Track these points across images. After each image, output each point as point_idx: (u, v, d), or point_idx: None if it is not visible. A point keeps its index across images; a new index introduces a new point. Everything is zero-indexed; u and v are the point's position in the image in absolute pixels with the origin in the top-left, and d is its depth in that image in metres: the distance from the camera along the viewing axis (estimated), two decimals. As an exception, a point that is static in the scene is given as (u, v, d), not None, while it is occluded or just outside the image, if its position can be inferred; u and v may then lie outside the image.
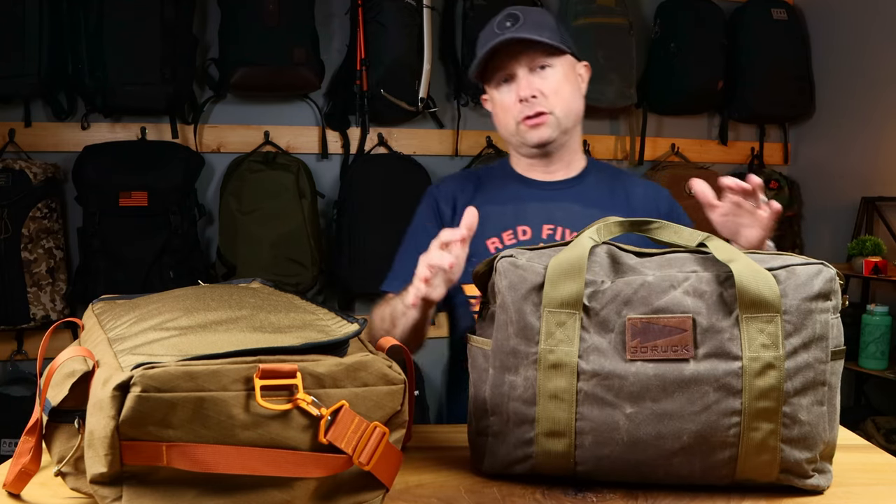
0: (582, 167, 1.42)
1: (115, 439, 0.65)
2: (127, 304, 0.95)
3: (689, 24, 2.91)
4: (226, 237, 2.54)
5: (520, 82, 1.32)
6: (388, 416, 0.76)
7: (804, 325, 0.82)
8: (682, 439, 0.82)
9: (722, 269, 0.85)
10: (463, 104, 2.83)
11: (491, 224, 1.34)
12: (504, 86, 1.35)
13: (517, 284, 0.86)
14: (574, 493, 0.86)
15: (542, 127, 1.33)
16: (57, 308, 2.39)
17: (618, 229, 0.92)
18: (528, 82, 1.31)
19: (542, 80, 1.32)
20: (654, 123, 3.11)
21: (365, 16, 2.55)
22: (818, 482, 0.86)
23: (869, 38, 2.88)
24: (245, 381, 0.68)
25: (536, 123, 1.32)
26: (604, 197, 1.37)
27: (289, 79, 2.53)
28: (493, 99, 1.38)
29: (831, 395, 0.85)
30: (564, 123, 1.34)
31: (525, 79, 1.31)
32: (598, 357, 0.83)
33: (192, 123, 2.62)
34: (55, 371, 0.75)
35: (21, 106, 2.46)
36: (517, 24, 1.30)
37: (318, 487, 0.72)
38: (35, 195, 2.34)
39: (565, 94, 1.33)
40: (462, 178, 1.46)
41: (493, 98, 1.38)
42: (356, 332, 0.77)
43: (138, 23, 2.34)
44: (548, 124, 1.33)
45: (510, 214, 1.35)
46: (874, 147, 2.83)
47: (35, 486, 0.82)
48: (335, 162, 2.78)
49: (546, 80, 1.32)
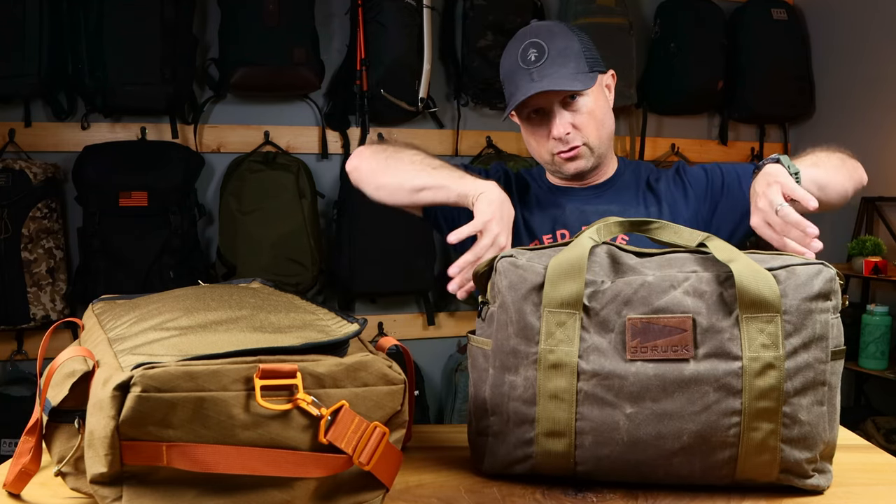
0: (615, 168, 1.41)
1: (115, 439, 0.65)
2: (127, 304, 0.95)
3: (689, 24, 2.91)
4: (226, 237, 2.54)
5: (553, 119, 1.28)
6: (388, 416, 0.76)
7: (804, 325, 0.82)
8: (682, 439, 0.82)
9: (722, 269, 0.85)
10: (463, 104, 2.83)
11: (530, 229, 1.34)
12: (535, 117, 1.31)
13: (517, 284, 0.86)
14: (574, 493, 0.86)
15: (577, 160, 1.31)
16: (57, 308, 2.39)
17: (618, 229, 0.92)
18: (560, 119, 1.27)
19: (573, 114, 1.28)
20: (654, 123, 3.11)
21: (365, 16, 2.56)
22: (818, 482, 0.86)
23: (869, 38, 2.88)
24: (245, 381, 0.68)
25: (572, 156, 1.31)
26: (638, 195, 1.37)
27: (289, 79, 2.53)
28: (524, 128, 1.34)
29: (831, 395, 0.85)
30: (599, 150, 1.33)
31: (558, 115, 1.27)
32: (598, 357, 0.83)
33: (192, 123, 2.62)
34: (55, 371, 0.75)
35: (21, 106, 2.46)
36: (543, 57, 1.25)
37: (318, 487, 0.72)
38: (35, 195, 2.34)
39: (598, 120, 1.31)
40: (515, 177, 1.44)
41: (524, 127, 1.34)
42: (356, 332, 0.77)
43: (138, 23, 2.34)
44: (583, 156, 1.31)
45: (548, 219, 1.35)
46: (874, 147, 2.83)
47: (35, 486, 0.82)
48: (335, 162, 2.78)
49: (578, 113, 1.28)
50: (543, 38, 1.27)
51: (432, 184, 1.19)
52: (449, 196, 1.15)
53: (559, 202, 1.37)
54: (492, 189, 1.11)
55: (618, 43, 2.76)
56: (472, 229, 1.06)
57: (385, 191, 1.26)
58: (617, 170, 1.41)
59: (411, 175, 1.22)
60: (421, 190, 1.20)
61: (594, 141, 1.31)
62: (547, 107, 1.28)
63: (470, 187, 1.12)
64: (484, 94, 2.76)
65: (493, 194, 1.10)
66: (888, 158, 2.77)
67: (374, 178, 1.28)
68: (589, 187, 1.39)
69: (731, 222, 1.34)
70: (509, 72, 1.30)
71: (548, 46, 1.26)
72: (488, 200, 1.08)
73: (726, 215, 1.34)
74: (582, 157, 1.31)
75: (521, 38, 1.30)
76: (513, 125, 1.40)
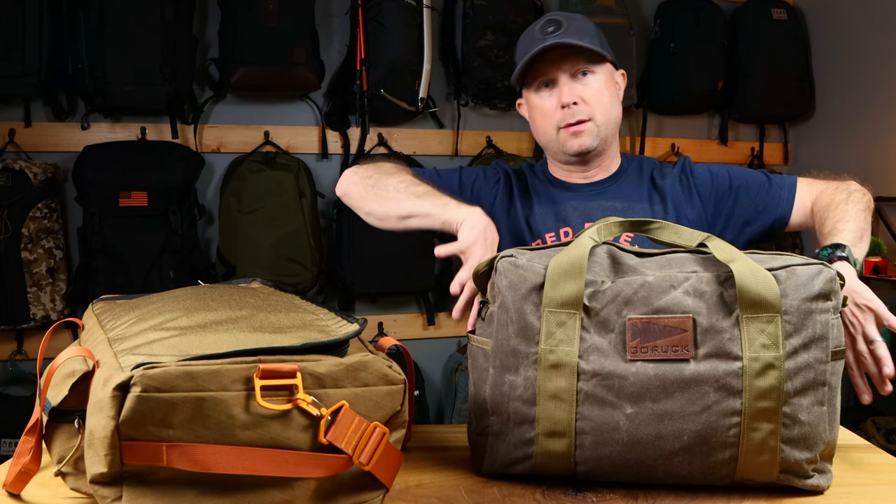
0: (618, 165, 1.41)
1: (115, 439, 0.65)
2: (127, 304, 0.95)
3: (688, 24, 2.90)
4: (226, 237, 2.54)
5: (561, 88, 1.30)
6: (388, 416, 0.76)
7: (804, 326, 0.82)
8: (682, 439, 0.82)
9: (722, 270, 0.85)
10: (463, 104, 2.83)
11: (535, 227, 1.34)
12: (544, 91, 1.33)
13: (517, 284, 0.86)
14: (574, 493, 0.86)
15: (582, 135, 1.32)
16: (57, 308, 2.39)
17: (618, 229, 0.92)
18: (569, 88, 1.30)
19: (583, 87, 1.30)
20: (654, 123, 3.11)
21: (365, 16, 2.55)
22: (818, 482, 0.86)
23: (869, 38, 2.88)
24: (245, 381, 0.68)
25: (577, 131, 1.31)
26: (642, 192, 1.37)
27: (289, 79, 2.53)
28: (532, 104, 1.36)
29: (831, 395, 0.85)
30: (604, 132, 1.33)
31: (567, 85, 1.30)
32: (598, 357, 0.83)
33: (192, 123, 2.62)
34: (55, 371, 0.75)
35: (21, 106, 2.46)
36: (560, 29, 1.28)
37: (318, 487, 0.72)
38: (35, 195, 2.34)
39: (605, 102, 1.32)
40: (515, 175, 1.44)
41: (532, 103, 1.36)
42: (356, 332, 0.77)
43: (138, 23, 2.34)
44: (588, 132, 1.32)
45: (551, 217, 1.35)
46: (874, 147, 2.83)
47: (35, 486, 0.82)
48: (335, 162, 2.78)
49: (587, 87, 1.31)
50: (564, 17, 1.31)
51: (417, 212, 1.21)
52: (434, 223, 1.17)
53: (562, 198, 1.37)
54: (474, 214, 1.11)
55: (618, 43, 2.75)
56: (456, 249, 1.08)
57: (374, 217, 1.30)
58: (620, 166, 1.41)
59: (396, 203, 1.24)
60: (408, 217, 1.22)
61: (601, 119, 1.32)
62: (557, 77, 1.30)
63: (454, 214, 1.13)
64: (484, 94, 2.76)
65: (475, 219, 1.10)
66: (888, 158, 2.77)
67: (363, 205, 1.31)
68: (592, 183, 1.39)
69: (734, 228, 1.34)
70: (525, 45, 1.32)
71: (566, 22, 1.30)
72: (470, 226, 1.09)
73: (729, 221, 1.34)
74: (587, 134, 1.32)
75: (540, 19, 1.33)
76: (513, 125, 1.40)
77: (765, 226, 1.34)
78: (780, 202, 1.33)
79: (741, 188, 1.35)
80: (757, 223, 1.34)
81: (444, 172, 1.43)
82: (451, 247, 1.08)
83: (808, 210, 1.32)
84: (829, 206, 1.24)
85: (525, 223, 1.35)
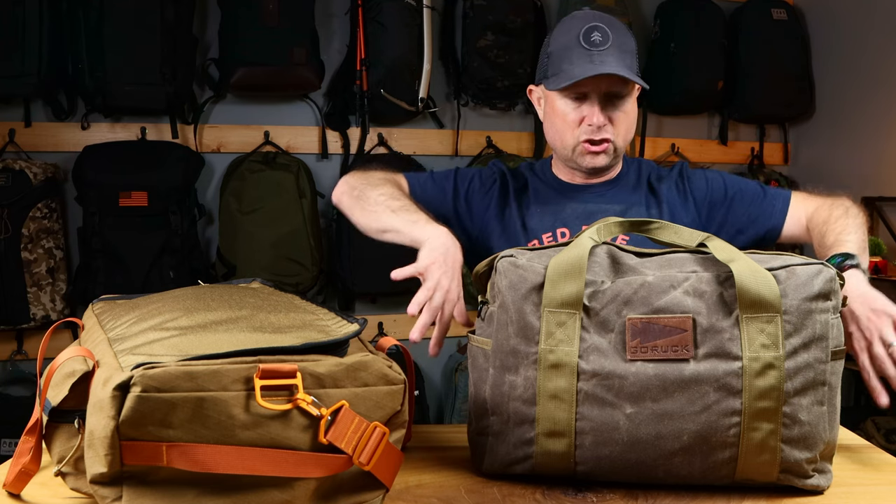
0: (619, 168, 1.41)
1: (115, 439, 0.65)
2: (127, 304, 0.95)
3: (688, 24, 2.90)
4: (226, 237, 2.54)
5: (594, 107, 1.28)
6: (388, 416, 0.76)
7: (804, 325, 0.82)
8: (682, 439, 0.82)
9: (722, 270, 0.85)
10: (463, 104, 2.83)
11: (531, 227, 1.34)
12: (573, 101, 1.30)
13: (517, 284, 0.86)
14: (574, 493, 0.86)
15: (600, 156, 1.31)
16: (57, 308, 2.39)
17: (618, 229, 0.92)
18: (601, 109, 1.28)
19: (613, 109, 1.29)
20: (654, 123, 3.10)
21: (365, 16, 2.55)
22: (818, 482, 0.86)
23: (869, 38, 2.88)
24: (245, 381, 0.68)
25: (597, 151, 1.31)
26: (639, 196, 1.37)
27: (289, 79, 2.53)
28: (555, 106, 1.33)
29: (831, 395, 0.85)
30: (620, 151, 1.34)
31: (601, 105, 1.28)
32: (598, 357, 0.83)
33: (192, 123, 2.62)
34: (55, 371, 0.75)
35: (21, 106, 2.46)
36: (606, 43, 1.26)
37: (318, 487, 0.72)
38: (35, 195, 2.34)
39: (628, 124, 1.32)
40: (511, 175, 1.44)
41: (555, 105, 1.32)
42: (356, 332, 0.77)
43: (138, 23, 2.34)
44: (607, 153, 1.31)
45: (549, 217, 1.35)
46: (874, 147, 2.83)
47: (35, 486, 0.82)
48: (335, 162, 2.78)
49: (617, 111, 1.30)
50: (607, 25, 1.29)
51: (390, 227, 1.23)
52: (404, 240, 1.19)
53: (561, 200, 1.37)
54: (438, 237, 1.12)
55: (618, 43, 2.76)
56: (413, 271, 1.08)
57: (360, 227, 1.32)
58: (621, 170, 1.41)
59: (375, 217, 1.27)
60: (384, 232, 1.25)
61: (620, 142, 1.33)
62: (593, 93, 1.29)
63: (418, 234, 1.15)
64: (484, 94, 2.76)
65: (437, 241, 1.11)
66: (888, 158, 2.77)
67: (351, 215, 1.34)
68: (593, 185, 1.39)
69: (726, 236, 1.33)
70: (565, 47, 1.29)
71: (612, 35, 1.27)
72: (431, 248, 1.10)
73: (722, 228, 1.35)
74: (605, 155, 1.32)
75: (582, 18, 1.30)
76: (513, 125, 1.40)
77: (757, 235, 1.35)
78: (773, 213, 1.34)
79: (735, 196, 1.36)
80: (749, 232, 1.35)
81: (439, 176, 1.43)
82: (409, 269, 1.08)
83: (801, 224, 1.33)
84: (828, 220, 1.25)
85: (521, 223, 1.35)
